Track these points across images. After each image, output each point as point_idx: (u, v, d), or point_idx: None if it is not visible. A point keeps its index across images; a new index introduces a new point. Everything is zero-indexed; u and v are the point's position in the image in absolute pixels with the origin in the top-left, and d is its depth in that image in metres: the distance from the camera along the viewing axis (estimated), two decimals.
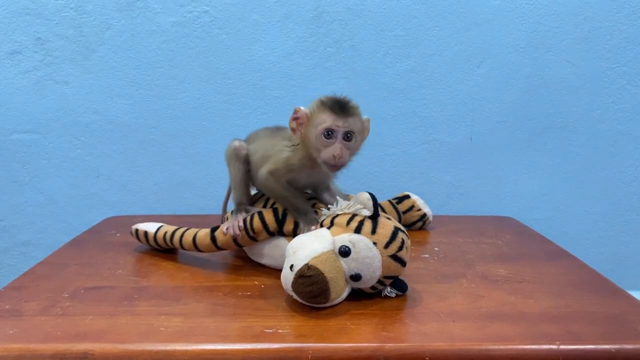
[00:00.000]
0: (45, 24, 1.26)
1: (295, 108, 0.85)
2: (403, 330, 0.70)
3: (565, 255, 1.03)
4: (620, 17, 1.31)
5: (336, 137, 0.81)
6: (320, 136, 0.81)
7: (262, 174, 0.89)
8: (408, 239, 0.80)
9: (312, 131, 0.83)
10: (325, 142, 0.81)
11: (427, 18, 1.30)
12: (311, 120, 0.83)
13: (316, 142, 0.82)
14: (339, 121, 0.81)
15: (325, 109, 0.82)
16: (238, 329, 0.70)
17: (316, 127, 0.82)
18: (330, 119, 0.81)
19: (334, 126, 0.81)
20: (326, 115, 0.81)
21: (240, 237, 0.90)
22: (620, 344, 0.67)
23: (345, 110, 0.82)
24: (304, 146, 0.86)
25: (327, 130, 0.81)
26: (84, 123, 1.31)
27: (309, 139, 0.83)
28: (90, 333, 0.68)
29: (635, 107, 1.36)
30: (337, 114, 0.81)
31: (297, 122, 0.85)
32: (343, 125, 0.81)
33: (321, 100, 0.84)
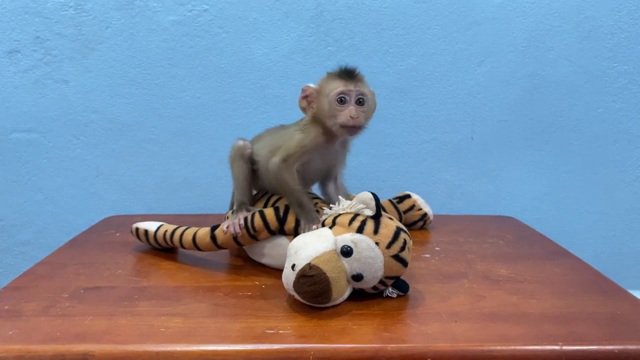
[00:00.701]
0: (45, 23, 1.25)
1: (303, 87, 0.88)
2: (405, 331, 0.70)
3: (567, 255, 1.03)
4: (621, 15, 1.30)
5: (349, 101, 0.84)
6: (334, 102, 0.84)
7: (273, 163, 0.89)
8: (410, 240, 0.80)
9: (324, 101, 0.85)
10: (339, 107, 0.84)
11: (427, 17, 1.29)
12: (322, 92, 0.86)
13: (330, 109, 0.84)
14: (350, 85, 0.84)
15: (335, 78, 0.85)
16: (239, 330, 0.70)
17: (328, 96, 0.84)
18: (342, 84, 0.84)
19: (345, 90, 0.83)
20: (336, 82, 0.84)
21: (241, 235, 0.89)
22: (623, 344, 0.67)
23: (353, 76, 0.85)
24: (318, 121, 0.87)
25: (339, 96, 0.84)
26: (83, 122, 1.30)
27: (322, 110, 0.85)
28: (90, 334, 0.68)
29: (637, 107, 1.36)
30: (347, 79, 0.84)
31: (307, 100, 0.88)
32: (355, 89, 0.84)
33: (329, 73, 0.87)
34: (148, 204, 1.36)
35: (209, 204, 1.35)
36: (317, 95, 0.87)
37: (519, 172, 1.39)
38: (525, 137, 1.37)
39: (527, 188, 1.40)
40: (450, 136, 1.36)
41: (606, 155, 1.38)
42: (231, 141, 1.31)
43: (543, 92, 1.34)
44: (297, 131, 0.90)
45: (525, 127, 1.36)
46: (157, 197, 1.36)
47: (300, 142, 0.88)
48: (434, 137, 1.36)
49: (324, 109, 0.85)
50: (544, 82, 1.34)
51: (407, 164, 1.37)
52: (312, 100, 0.87)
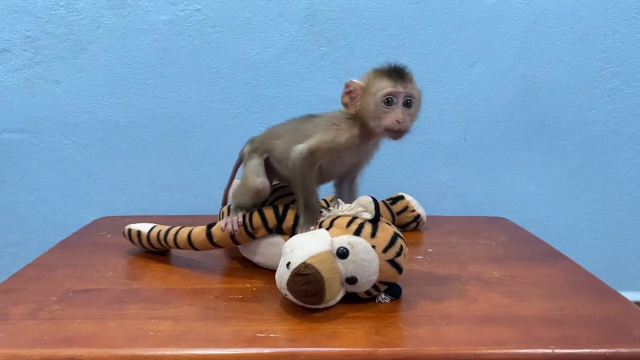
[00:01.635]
0: (35, 22, 1.24)
1: (346, 82, 0.83)
2: (396, 335, 0.70)
3: (560, 256, 1.03)
4: (615, 17, 1.30)
5: (397, 103, 0.79)
6: (380, 103, 0.79)
7: (297, 150, 0.84)
8: (406, 247, 0.79)
9: (369, 100, 0.80)
10: (385, 109, 0.79)
11: (421, 17, 1.29)
12: (367, 90, 0.81)
13: (375, 110, 0.80)
14: (399, 86, 0.79)
15: (383, 76, 0.80)
16: (229, 333, 0.69)
17: (375, 95, 0.80)
18: (390, 85, 0.79)
19: (394, 91, 0.79)
20: (385, 81, 0.80)
21: (238, 233, 0.89)
22: (615, 347, 0.67)
23: (403, 76, 0.80)
24: (360, 120, 0.83)
25: (387, 97, 0.79)
26: (74, 122, 1.29)
27: (367, 109, 0.81)
28: (78, 337, 0.67)
29: (630, 108, 1.36)
30: (396, 79, 0.79)
31: (350, 96, 0.83)
32: (404, 90, 0.79)
33: (375, 70, 0.82)
34: (140, 205, 1.35)
35: (201, 204, 1.35)
36: (361, 92, 0.82)
37: (512, 172, 1.39)
38: (519, 138, 1.36)
39: (520, 189, 1.40)
40: (444, 137, 1.36)
41: (599, 156, 1.38)
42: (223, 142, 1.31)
43: (536, 93, 1.34)
44: (334, 125, 0.85)
45: (519, 127, 1.36)
46: (148, 197, 1.35)
47: (334, 138, 0.84)
48: (428, 138, 1.35)
49: (368, 108, 0.81)
50: (538, 83, 1.33)
51: (400, 165, 1.37)
52: (355, 97, 0.83)
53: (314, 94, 1.31)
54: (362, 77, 0.84)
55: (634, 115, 1.36)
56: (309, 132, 0.86)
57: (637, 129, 1.37)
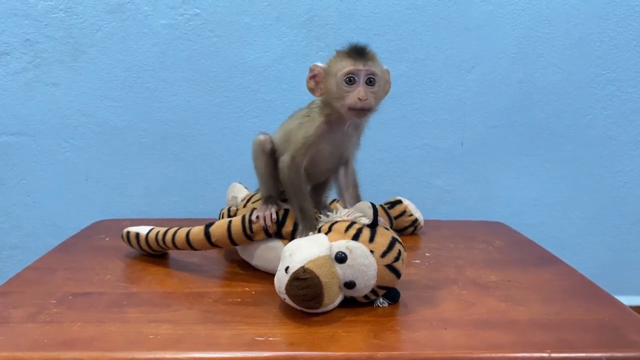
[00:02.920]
0: (34, 25, 1.24)
1: (310, 66, 0.83)
2: (394, 338, 0.70)
3: (556, 261, 1.03)
4: (610, 24, 1.32)
5: (358, 82, 0.78)
6: (342, 83, 0.79)
7: (282, 162, 0.86)
8: (405, 251, 0.80)
9: (331, 82, 0.80)
10: (347, 88, 0.79)
11: (418, 23, 1.30)
12: (329, 71, 0.80)
13: (338, 90, 0.79)
14: (359, 64, 0.78)
15: (343, 56, 0.80)
16: (229, 337, 0.69)
17: (335, 76, 0.79)
18: (350, 63, 0.78)
19: (354, 70, 0.78)
20: (345, 61, 0.79)
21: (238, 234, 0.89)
22: (611, 352, 0.67)
23: (364, 54, 0.79)
24: (326, 104, 0.83)
25: (347, 76, 0.78)
26: (73, 125, 1.30)
27: (330, 91, 0.81)
28: (78, 340, 0.67)
29: (625, 113, 1.37)
30: (356, 58, 0.78)
31: (314, 81, 0.83)
32: (364, 68, 0.78)
33: (338, 51, 0.82)
34: (138, 208, 1.35)
35: (199, 208, 1.35)
36: (324, 75, 0.81)
37: (509, 177, 1.40)
38: (516, 143, 1.37)
39: (517, 193, 1.40)
40: (441, 142, 1.36)
41: (595, 161, 1.39)
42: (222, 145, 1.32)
43: (533, 99, 1.35)
44: (304, 117, 0.86)
45: (516, 133, 1.37)
46: (147, 201, 1.35)
47: (304, 134, 0.84)
48: (425, 143, 1.36)
49: (331, 90, 0.80)
50: (534, 88, 1.35)
51: (398, 169, 1.37)
52: (319, 81, 0.82)
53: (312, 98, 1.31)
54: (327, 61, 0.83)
55: (629, 121, 1.37)
56: (289, 129, 0.89)
57: (633, 135, 1.38)
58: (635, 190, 1.41)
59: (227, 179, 1.24)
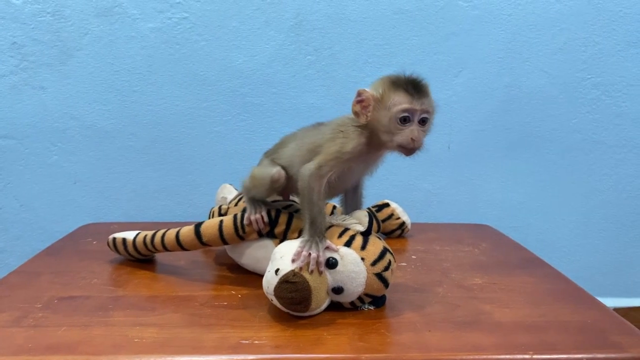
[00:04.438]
0: (22, 29, 1.24)
1: (358, 90, 0.78)
2: (379, 341, 0.70)
3: (541, 263, 1.04)
4: (595, 29, 1.33)
5: (412, 120, 0.75)
6: (395, 120, 0.74)
7: (307, 168, 0.79)
8: (395, 262, 0.80)
9: (383, 114, 0.75)
10: (400, 126, 0.75)
11: (406, 28, 1.31)
12: (382, 102, 0.76)
13: (389, 125, 0.75)
14: (416, 103, 0.74)
15: (399, 90, 0.75)
16: (214, 340, 0.69)
17: (389, 110, 0.75)
18: (407, 101, 0.74)
19: (411, 109, 0.74)
20: (401, 96, 0.74)
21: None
22: (592, 353, 0.68)
23: (420, 91, 0.75)
24: (369, 130, 0.78)
25: (403, 115, 0.74)
26: (61, 129, 1.29)
27: (379, 122, 0.76)
28: (63, 345, 0.67)
29: (610, 117, 1.39)
30: (413, 95, 0.74)
31: (361, 105, 0.78)
32: (420, 108, 0.74)
33: (391, 80, 0.77)
34: (126, 212, 1.35)
35: (188, 211, 1.35)
36: (374, 103, 0.76)
37: (495, 180, 1.41)
38: (502, 147, 1.39)
39: (503, 196, 1.42)
40: (428, 145, 1.36)
41: (581, 164, 1.41)
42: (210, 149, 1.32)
43: (519, 103, 1.36)
44: (340, 132, 0.80)
45: (502, 136, 1.38)
46: (135, 204, 1.35)
47: (341, 148, 0.78)
48: None
49: (381, 122, 0.75)
50: (520, 92, 1.36)
51: (385, 172, 1.37)
52: (367, 106, 0.77)
53: (300, 102, 1.32)
54: (374, 85, 0.79)
55: (614, 124, 1.39)
56: (315, 141, 0.83)
57: (618, 138, 1.40)
58: (620, 193, 1.43)
59: (215, 182, 1.24)
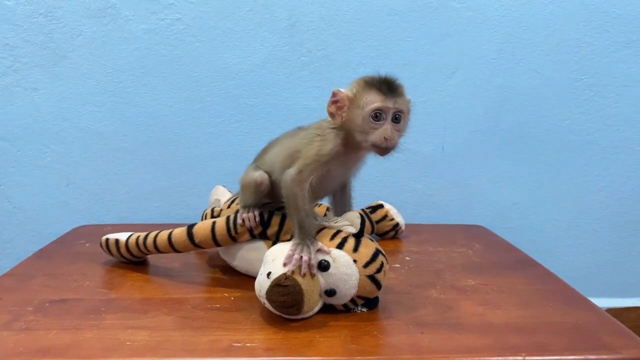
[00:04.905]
0: (14, 30, 1.23)
1: (333, 91, 0.78)
2: (372, 343, 0.70)
3: (534, 264, 1.05)
4: (588, 29, 1.33)
5: (385, 119, 0.75)
6: (368, 118, 0.75)
7: (288, 174, 0.80)
8: (387, 264, 0.81)
9: (357, 113, 0.76)
10: (373, 125, 0.75)
11: (399, 29, 1.31)
12: (355, 101, 0.76)
13: (363, 124, 0.75)
14: (388, 102, 0.75)
15: (372, 89, 0.75)
16: (206, 343, 0.69)
17: (362, 109, 0.75)
18: (379, 99, 0.75)
19: (383, 107, 0.75)
20: (373, 95, 0.75)
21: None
22: (584, 354, 0.68)
23: (393, 90, 0.76)
24: (345, 130, 0.78)
25: (375, 112, 0.75)
26: (54, 130, 1.29)
27: (353, 122, 0.76)
28: (53, 348, 0.67)
29: (603, 118, 1.39)
30: (386, 93, 0.75)
31: (336, 106, 0.78)
32: (393, 106, 0.75)
33: (365, 80, 0.77)
34: (119, 213, 1.34)
35: (182, 213, 1.35)
36: (348, 103, 0.77)
37: (489, 181, 1.41)
38: (495, 148, 1.39)
39: (497, 197, 1.42)
40: (422, 146, 1.37)
41: (574, 165, 1.41)
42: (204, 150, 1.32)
43: (512, 104, 1.37)
44: (317, 135, 0.81)
45: (495, 137, 1.38)
46: (128, 206, 1.34)
47: (318, 152, 0.79)
48: (406, 147, 1.36)
49: (355, 121, 0.76)
50: (514, 93, 1.36)
51: (379, 174, 1.38)
52: (342, 107, 0.77)
53: (294, 103, 1.32)
54: (350, 86, 0.79)
55: (607, 125, 1.39)
56: (293, 146, 0.83)
57: (611, 139, 1.40)
58: (613, 193, 1.43)
59: (209, 184, 1.24)
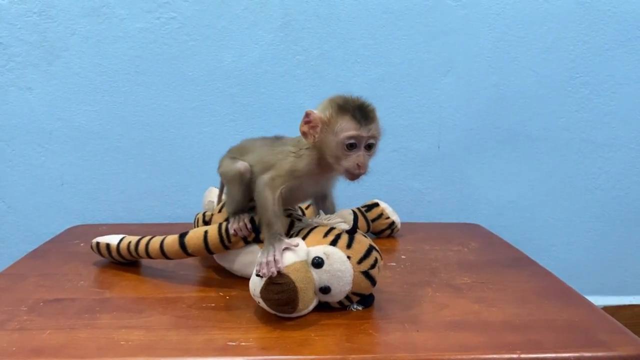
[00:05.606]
0: (8, 29, 1.23)
1: (306, 111, 0.78)
2: (367, 341, 0.70)
3: (529, 262, 1.05)
4: (583, 27, 1.34)
5: (359, 147, 0.76)
6: (342, 145, 0.75)
7: (261, 181, 0.81)
8: (381, 259, 0.80)
9: (330, 138, 0.76)
10: (347, 152, 0.76)
11: (395, 27, 1.31)
12: (329, 125, 0.76)
13: (336, 150, 0.76)
14: (363, 130, 0.75)
15: (346, 115, 0.75)
16: (201, 342, 0.69)
17: (336, 135, 0.75)
18: (353, 128, 0.75)
19: (357, 136, 0.75)
20: (347, 122, 0.75)
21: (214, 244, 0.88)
22: (579, 352, 0.68)
23: (367, 117, 0.76)
24: (318, 151, 0.79)
25: (350, 141, 0.75)
26: (48, 130, 1.28)
27: (327, 145, 0.77)
28: (47, 348, 0.67)
29: (598, 116, 1.39)
30: (360, 121, 0.75)
31: (309, 126, 0.78)
32: (367, 135, 0.75)
33: (338, 104, 0.77)
34: (114, 213, 1.34)
35: (177, 212, 1.34)
36: (321, 125, 0.77)
37: (485, 180, 1.41)
38: (491, 146, 1.39)
39: (493, 195, 1.42)
40: (418, 145, 1.37)
41: (570, 163, 1.41)
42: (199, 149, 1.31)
43: (508, 102, 1.37)
44: (292, 153, 0.82)
45: (491, 135, 1.38)
46: (123, 206, 1.34)
47: (292, 167, 0.80)
48: (402, 146, 1.37)
49: (328, 145, 0.76)
50: (509, 91, 1.36)
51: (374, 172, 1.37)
52: (315, 126, 0.77)
53: (289, 102, 1.32)
54: (322, 106, 0.79)
55: (602, 123, 1.39)
56: (270, 160, 0.84)
57: (606, 137, 1.40)
58: (609, 192, 1.43)
59: (204, 184, 1.23)
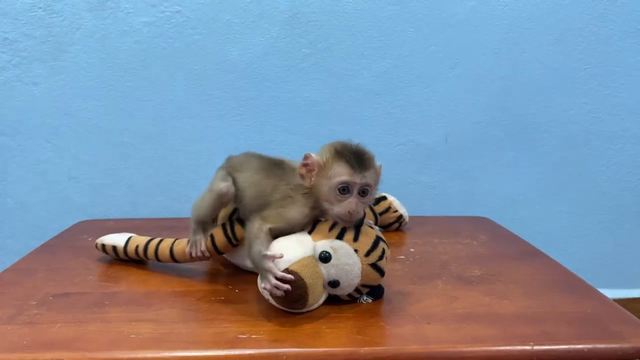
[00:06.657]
0: (13, 24, 1.22)
1: (305, 154, 0.78)
2: (378, 334, 0.70)
3: (540, 255, 1.04)
4: (591, 18, 1.32)
5: (351, 192, 0.75)
6: (335, 190, 0.75)
7: (255, 223, 0.78)
8: (388, 249, 0.80)
9: (324, 183, 0.76)
10: (339, 197, 0.75)
11: (401, 20, 1.30)
12: (324, 170, 0.76)
13: (329, 195, 0.76)
14: (356, 176, 0.75)
15: (341, 160, 0.76)
16: (211, 335, 0.69)
17: (330, 180, 0.75)
18: (347, 173, 0.75)
19: (350, 181, 0.75)
20: (341, 167, 0.75)
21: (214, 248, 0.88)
22: (593, 343, 0.68)
23: (362, 163, 0.76)
24: (314, 195, 0.78)
25: (342, 185, 0.75)
26: (54, 125, 1.28)
27: (321, 189, 0.77)
28: (58, 341, 0.66)
29: (607, 108, 1.38)
30: (354, 167, 0.75)
31: (307, 169, 0.78)
32: (360, 181, 0.75)
33: (335, 149, 0.77)
34: (121, 208, 1.34)
35: (184, 207, 1.33)
36: (318, 169, 0.77)
37: (493, 173, 1.40)
38: (499, 139, 1.38)
39: (501, 189, 1.41)
40: (425, 138, 1.37)
41: (578, 156, 1.40)
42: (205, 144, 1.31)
43: (516, 94, 1.36)
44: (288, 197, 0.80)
45: (499, 128, 1.37)
46: (130, 200, 1.34)
47: (289, 219, 0.79)
48: (409, 139, 1.36)
49: (322, 190, 0.76)
50: (517, 84, 1.35)
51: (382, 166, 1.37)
52: (312, 170, 0.77)
53: (296, 96, 1.31)
54: (321, 150, 0.79)
55: (611, 115, 1.38)
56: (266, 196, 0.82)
57: (615, 129, 1.39)
58: (617, 183, 1.42)
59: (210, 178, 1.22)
